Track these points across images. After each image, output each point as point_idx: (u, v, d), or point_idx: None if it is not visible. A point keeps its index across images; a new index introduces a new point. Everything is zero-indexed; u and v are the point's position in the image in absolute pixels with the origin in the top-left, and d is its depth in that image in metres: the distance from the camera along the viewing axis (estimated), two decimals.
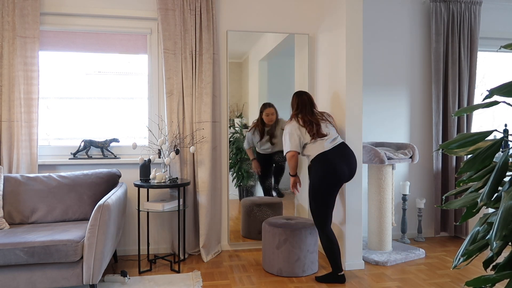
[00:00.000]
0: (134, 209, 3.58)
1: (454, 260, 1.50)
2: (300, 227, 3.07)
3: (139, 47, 3.63)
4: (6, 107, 3.22)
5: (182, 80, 3.48)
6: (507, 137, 1.45)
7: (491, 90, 1.37)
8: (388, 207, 3.54)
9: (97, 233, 2.47)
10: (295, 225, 3.10)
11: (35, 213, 2.95)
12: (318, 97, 3.76)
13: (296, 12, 3.82)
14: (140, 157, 3.26)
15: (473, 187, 1.53)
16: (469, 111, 1.47)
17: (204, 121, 3.48)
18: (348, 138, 3.19)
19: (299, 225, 3.11)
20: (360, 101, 3.21)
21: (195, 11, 3.46)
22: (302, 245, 3.05)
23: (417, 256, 3.50)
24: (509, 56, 4.53)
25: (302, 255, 3.05)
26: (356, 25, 3.19)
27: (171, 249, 3.64)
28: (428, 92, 4.16)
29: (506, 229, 1.24)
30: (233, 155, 3.77)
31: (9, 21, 3.22)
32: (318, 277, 2.98)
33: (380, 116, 4.07)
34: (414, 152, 3.57)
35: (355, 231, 3.22)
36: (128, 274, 3.08)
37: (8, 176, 3.01)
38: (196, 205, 3.55)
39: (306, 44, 3.83)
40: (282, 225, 3.09)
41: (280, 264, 3.06)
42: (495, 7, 4.29)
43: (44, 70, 3.51)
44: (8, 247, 2.36)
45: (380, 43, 4.03)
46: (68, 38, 3.51)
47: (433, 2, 3.96)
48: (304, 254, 3.06)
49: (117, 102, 3.68)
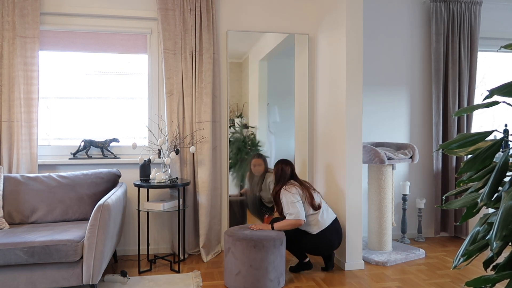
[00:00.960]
0: (134, 209, 3.58)
1: (454, 260, 1.50)
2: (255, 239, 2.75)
3: (139, 47, 3.63)
4: (6, 107, 3.22)
5: (182, 80, 3.48)
6: (507, 137, 1.45)
7: (491, 90, 1.37)
8: (388, 207, 3.54)
9: (97, 233, 2.47)
10: (252, 236, 2.80)
11: (35, 213, 2.95)
12: (318, 97, 3.76)
13: (296, 12, 3.82)
14: (140, 157, 3.26)
15: (473, 187, 1.53)
16: (469, 111, 1.47)
17: (204, 121, 3.48)
18: (348, 138, 3.19)
19: (260, 237, 2.78)
20: (360, 101, 3.21)
21: (195, 11, 3.46)
22: (244, 258, 2.74)
23: (417, 256, 3.50)
24: (509, 56, 4.53)
25: (244, 269, 2.75)
26: (356, 25, 3.19)
27: (171, 249, 3.64)
28: (428, 92, 4.16)
29: (506, 229, 1.24)
30: (233, 155, 3.77)
31: (9, 21, 3.22)
32: (292, 269, 3.17)
33: (380, 116, 4.07)
34: (414, 152, 3.57)
35: (355, 231, 3.22)
36: (128, 274, 3.08)
37: (8, 176, 3.01)
38: (196, 205, 3.55)
39: (306, 44, 3.83)
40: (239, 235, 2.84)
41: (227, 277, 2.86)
42: (495, 7, 4.29)
43: (44, 70, 3.51)
44: (8, 247, 2.36)
45: (380, 43, 4.03)
46: (68, 38, 3.51)
47: (433, 2, 3.96)
48: (246, 268, 2.74)
49: (117, 102, 3.68)
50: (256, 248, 2.74)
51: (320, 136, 3.71)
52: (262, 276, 2.75)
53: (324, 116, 3.62)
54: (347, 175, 3.19)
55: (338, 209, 3.33)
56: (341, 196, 3.28)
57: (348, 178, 3.20)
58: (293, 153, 3.87)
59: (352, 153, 3.20)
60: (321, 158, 3.69)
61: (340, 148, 3.28)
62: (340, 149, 3.28)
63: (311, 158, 3.88)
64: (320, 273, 3.13)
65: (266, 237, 2.80)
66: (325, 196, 3.59)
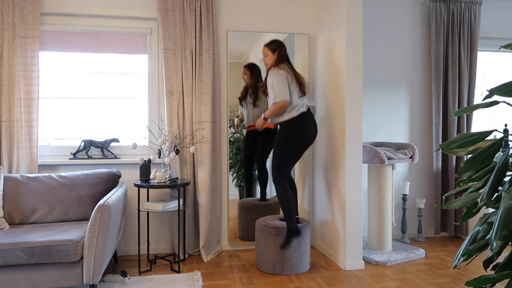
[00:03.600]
0: (134, 209, 3.58)
1: (454, 260, 1.50)
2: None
3: (139, 47, 3.63)
4: (6, 107, 3.22)
5: (182, 80, 3.49)
6: (507, 137, 1.45)
7: (491, 90, 1.37)
8: (388, 207, 3.54)
9: (97, 233, 2.47)
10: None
11: (35, 213, 2.95)
12: (318, 97, 3.76)
13: (296, 12, 3.82)
14: (140, 157, 3.26)
15: (473, 187, 1.53)
16: (469, 111, 1.48)
17: (204, 121, 3.48)
18: (348, 138, 3.19)
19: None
20: (360, 101, 3.21)
21: (195, 11, 3.46)
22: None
23: (417, 256, 3.50)
24: (509, 56, 4.53)
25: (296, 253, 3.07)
26: (356, 25, 3.19)
27: (171, 249, 3.64)
28: (428, 92, 4.16)
29: (506, 229, 1.24)
30: (233, 155, 3.77)
31: (9, 21, 3.22)
32: (282, 245, 3.05)
33: (380, 116, 4.07)
34: (414, 152, 3.57)
35: (355, 231, 3.22)
36: (128, 274, 3.08)
37: (8, 176, 3.01)
38: (196, 205, 3.55)
39: (306, 44, 3.83)
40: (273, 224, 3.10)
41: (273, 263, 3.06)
42: (495, 7, 4.29)
43: (44, 70, 3.51)
44: (8, 247, 2.36)
45: (380, 43, 4.03)
46: (68, 38, 3.51)
47: (433, 2, 3.96)
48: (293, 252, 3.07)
49: (117, 102, 3.68)
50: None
51: (320, 136, 3.71)
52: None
53: (324, 116, 3.62)
54: (347, 175, 3.19)
55: (338, 209, 3.33)
56: (341, 196, 3.28)
57: (348, 178, 3.20)
58: None
59: (352, 153, 3.20)
60: (321, 158, 3.69)
61: (340, 148, 3.28)
62: (340, 149, 3.28)
63: (311, 158, 3.88)
64: (320, 273, 3.13)
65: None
66: (326, 196, 3.59)
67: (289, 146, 3.05)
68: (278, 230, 3.08)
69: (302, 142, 3.07)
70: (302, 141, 3.07)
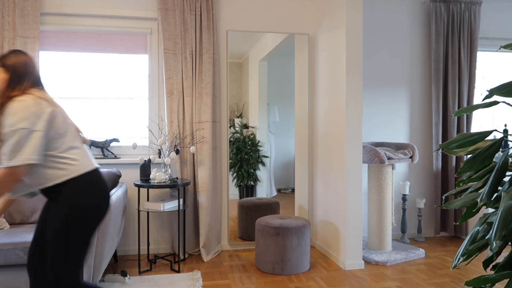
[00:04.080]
0: (134, 209, 3.59)
1: (454, 260, 1.50)
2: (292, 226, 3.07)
3: (139, 47, 3.63)
4: None
5: (182, 80, 3.49)
6: (507, 137, 1.45)
7: (491, 90, 1.37)
8: (388, 207, 3.54)
9: (97, 233, 2.47)
10: (287, 224, 3.11)
11: (35, 213, 2.95)
12: (318, 97, 3.76)
13: (296, 12, 3.83)
14: (140, 157, 3.26)
15: (473, 187, 1.53)
16: (469, 111, 1.48)
17: (204, 121, 3.48)
18: (348, 138, 3.19)
19: (292, 223, 3.11)
20: (360, 101, 3.21)
21: (195, 11, 3.46)
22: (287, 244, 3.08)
23: (417, 256, 3.51)
24: (509, 56, 4.53)
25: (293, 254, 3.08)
26: (356, 25, 3.19)
27: (171, 249, 3.65)
28: (428, 92, 4.16)
29: (506, 229, 1.24)
30: (233, 155, 3.77)
31: (10, 21, 3.22)
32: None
33: (380, 116, 4.07)
34: (414, 152, 3.57)
35: (355, 231, 3.22)
36: (128, 274, 3.08)
37: None
38: (196, 205, 3.55)
39: (306, 44, 3.83)
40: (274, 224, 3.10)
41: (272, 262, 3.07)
42: (495, 7, 4.29)
43: (44, 70, 3.51)
44: (8, 247, 2.36)
45: (380, 43, 4.03)
46: (68, 38, 3.51)
47: (433, 2, 3.96)
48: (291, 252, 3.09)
49: (117, 102, 3.68)
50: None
51: (320, 136, 3.71)
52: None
53: (324, 116, 3.62)
54: (347, 175, 3.20)
55: (338, 209, 3.33)
56: (341, 196, 3.28)
57: (348, 178, 3.20)
58: (293, 153, 3.88)
59: (352, 153, 3.20)
60: (321, 158, 3.69)
61: (340, 148, 3.28)
62: (340, 149, 3.28)
63: (311, 158, 3.88)
64: (320, 273, 3.13)
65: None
66: (325, 196, 3.59)
67: (84, 223, 1.75)
68: (278, 230, 3.08)
69: (101, 214, 1.82)
70: (102, 212, 1.83)
